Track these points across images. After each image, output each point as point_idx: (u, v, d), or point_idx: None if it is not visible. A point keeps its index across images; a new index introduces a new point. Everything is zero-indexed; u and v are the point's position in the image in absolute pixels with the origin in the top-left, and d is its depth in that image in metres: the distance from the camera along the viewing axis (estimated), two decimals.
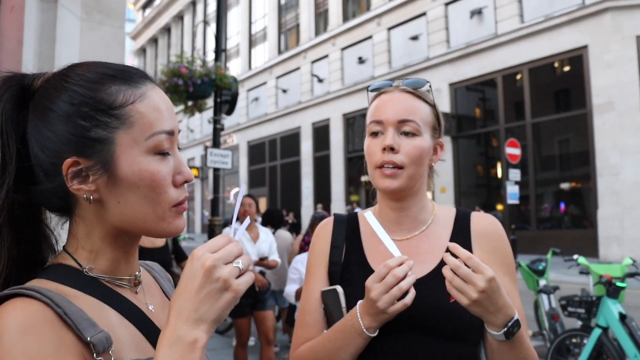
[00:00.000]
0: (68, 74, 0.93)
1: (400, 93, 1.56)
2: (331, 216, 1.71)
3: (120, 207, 0.91)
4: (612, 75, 16.16)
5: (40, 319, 0.78)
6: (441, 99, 21.52)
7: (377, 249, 1.53)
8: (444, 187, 21.26)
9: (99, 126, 0.89)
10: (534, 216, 19.07)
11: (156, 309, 1.01)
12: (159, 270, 1.19)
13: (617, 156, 16.01)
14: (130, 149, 0.90)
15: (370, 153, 1.54)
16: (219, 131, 11.37)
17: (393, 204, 1.58)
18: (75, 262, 0.93)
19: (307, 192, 28.27)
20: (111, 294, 0.92)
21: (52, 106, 0.90)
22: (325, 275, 1.59)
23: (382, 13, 24.60)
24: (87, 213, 0.93)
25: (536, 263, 7.19)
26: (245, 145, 34.05)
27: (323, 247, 1.62)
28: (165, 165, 0.92)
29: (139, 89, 0.93)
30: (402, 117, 1.51)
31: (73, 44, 3.26)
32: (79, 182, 0.89)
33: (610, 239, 15.97)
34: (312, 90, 28.83)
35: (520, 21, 19.18)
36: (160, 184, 0.91)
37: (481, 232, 1.57)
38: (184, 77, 10.54)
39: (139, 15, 52.27)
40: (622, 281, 5.16)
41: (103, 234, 0.94)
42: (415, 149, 1.50)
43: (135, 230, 0.94)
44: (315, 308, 1.55)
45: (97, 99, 0.90)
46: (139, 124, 0.90)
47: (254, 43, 34.97)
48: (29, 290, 0.81)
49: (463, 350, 1.45)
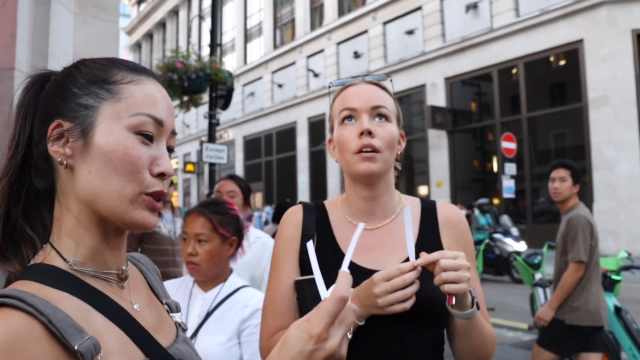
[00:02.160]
0: (83, 62, 0.99)
1: (367, 84, 1.63)
2: (299, 204, 1.71)
3: (90, 177, 0.90)
4: (607, 69, 16.19)
5: (23, 333, 0.75)
6: (437, 93, 21.54)
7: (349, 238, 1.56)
8: (440, 181, 21.30)
9: (89, 95, 0.93)
10: (530, 210, 19.12)
11: (141, 307, 0.99)
12: (145, 262, 1.17)
13: (612, 150, 16.05)
14: (112, 120, 0.92)
15: (345, 140, 1.56)
16: (214, 126, 11.37)
17: (365, 193, 1.60)
18: (59, 257, 0.91)
19: (303, 187, 28.28)
20: (96, 294, 0.90)
21: (59, 80, 0.97)
22: (296, 264, 1.60)
23: (378, 7, 24.57)
24: (64, 185, 0.94)
25: (532, 257, 7.22)
26: (241, 140, 34.01)
27: (293, 235, 1.63)
28: (144, 148, 0.92)
29: (138, 76, 0.97)
30: (375, 102, 1.56)
31: (67, 39, 3.24)
32: (58, 145, 0.92)
33: (606, 232, 16.00)
34: (307, 85, 28.80)
35: (515, 15, 19.19)
36: (133, 160, 0.90)
37: (447, 220, 1.64)
38: (179, 71, 10.51)
39: (134, 10, 52.08)
40: (617, 274, 5.18)
41: (78, 210, 0.93)
42: (389, 134, 1.55)
43: (101, 207, 0.91)
44: (288, 297, 1.56)
45: (96, 75, 0.95)
46: (126, 101, 0.93)
47: (249, 38, 34.91)
48: (11, 299, 0.78)
49: (435, 334, 1.53)
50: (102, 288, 0.92)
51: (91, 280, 0.92)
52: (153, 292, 1.11)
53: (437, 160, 21.56)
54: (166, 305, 1.11)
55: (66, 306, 0.83)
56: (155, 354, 0.91)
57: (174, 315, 1.11)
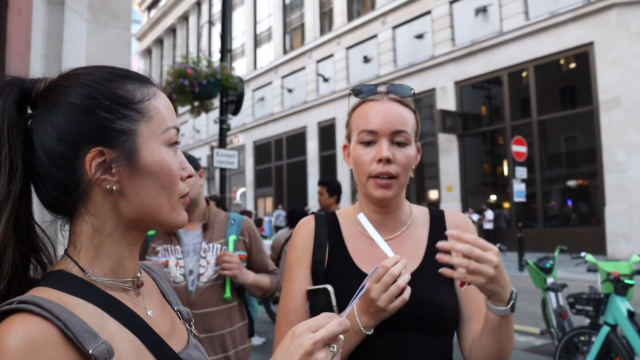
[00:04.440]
0: (80, 74, 0.95)
1: (390, 102, 1.59)
2: (311, 215, 1.73)
3: (139, 197, 0.94)
4: (618, 71, 16.10)
5: (40, 338, 0.77)
6: (447, 97, 21.50)
7: (361, 248, 1.61)
8: (450, 185, 21.24)
9: (122, 118, 0.93)
10: (541, 214, 19.02)
11: (155, 314, 1.01)
12: (157, 270, 1.19)
13: (624, 153, 15.95)
14: (150, 140, 0.95)
15: (362, 162, 1.56)
16: (225, 131, 11.40)
17: (378, 208, 1.62)
18: (77, 267, 0.93)
19: (314, 192, 28.25)
20: (111, 301, 0.92)
21: (71, 99, 0.92)
22: (308, 274, 1.62)
23: (387, 12, 24.58)
24: (99, 207, 0.93)
25: (543, 261, 7.17)
26: (251, 145, 34.08)
27: (306, 246, 1.65)
28: (176, 158, 0.98)
29: (151, 88, 0.99)
30: (396, 128, 1.54)
31: (80, 46, 3.27)
32: (102, 172, 0.91)
33: (618, 236, 15.90)
34: (317, 90, 28.84)
35: (525, 18, 19.13)
36: (175, 173, 0.97)
37: (456, 228, 1.62)
38: (190, 77, 10.57)
39: (144, 16, 52.38)
40: (630, 278, 5.14)
41: (112, 228, 0.94)
42: (407, 158, 1.55)
43: (150, 220, 0.96)
44: (300, 306, 1.58)
45: (118, 94, 0.94)
46: (156, 118, 0.96)
47: (259, 43, 35.00)
48: (29, 305, 0.80)
49: (443, 342, 1.53)
50: (117, 295, 0.95)
51: (107, 288, 0.94)
52: (165, 299, 1.13)
53: (448, 165, 21.50)
54: (177, 312, 1.13)
55: (81, 312, 0.85)
56: (167, 359, 0.94)
57: (185, 322, 1.13)
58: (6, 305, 0.81)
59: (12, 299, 0.83)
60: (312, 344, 0.85)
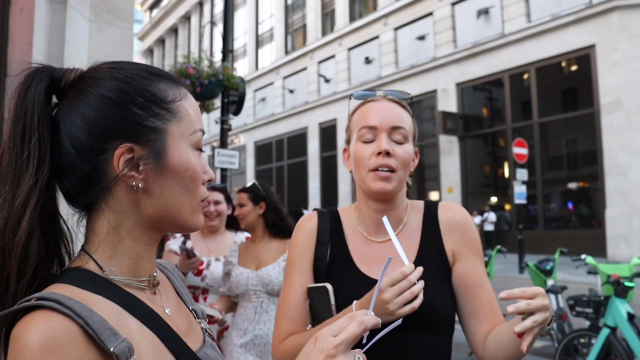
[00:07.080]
0: (114, 67, 0.95)
1: (389, 102, 1.64)
2: (314, 211, 1.74)
3: (163, 196, 0.94)
4: (619, 74, 16.09)
5: (62, 335, 0.77)
6: (448, 98, 21.50)
7: (361, 249, 1.62)
8: (451, 187, 21.24)
9: (155, 116, 0.93)
10: (542, 216, 19.01)
11: (172, 313, 1.01)
12: (172, 269, 1.19)
13: (625, 156, 15.94)
14: (179, 141, 0.95)
15: (362, 157, 1.59)
16: (226, 131, 11.39)
17: (377, 206, 1.63)
18: (95, 264, 0.92)
19: (314, 193, 28.27)
20: (130, 298, 0.92)
21: (104, 92, 0.91)
22: (310, 271, 1.63)
23: (389, 13, 24.58)
24: (120, 204, 0.93)
25: (544, 263, 7.18)
26: (252, 145, 34.08)
27: (308, 243, 1.66)
28: (200, 161, 0.99)
29: (181, 89, 0.99)
30: (395, 124, 1.58)
31: (82, 45, 3.27)
32: (129, 169, 0.91)
33: (619, 238, 15.89)
34: (319, 91, 28.84)
35: (527, 21, 19.13)
36: (199, 176, 0.97)
37: (449, 222, 1.66)
38: (192, 77, 10.57)
39: (146, 16, 52.40)
40: (630, 281, 5.14)
41: (132, 226, 0.94)
42: (406, 153, 1.58)
43: (170, 220, 0.96)
44: (300, 302, 1.59)
45: (152, 92, 0.94)
46: (185, 120, 0.97)
47: (260, 43, 35.01)
48: (49, 302, 0.79)
49: (442, 341, 1.56)
50: (135, 293, 0.94)
51: (125, 286, 0.94)
52: (180, 298, 1.13)
53: (449, 166, 21.50)
54: (192, 311, 1.13)
55: (101, 309, 0.85)
56: (185, 358, 0.94)
57: (200, 321, 1.13)
58: (26, 302, 0.81)
59: (30, 296, 0.82)
60: (334, 347, 0.84)
